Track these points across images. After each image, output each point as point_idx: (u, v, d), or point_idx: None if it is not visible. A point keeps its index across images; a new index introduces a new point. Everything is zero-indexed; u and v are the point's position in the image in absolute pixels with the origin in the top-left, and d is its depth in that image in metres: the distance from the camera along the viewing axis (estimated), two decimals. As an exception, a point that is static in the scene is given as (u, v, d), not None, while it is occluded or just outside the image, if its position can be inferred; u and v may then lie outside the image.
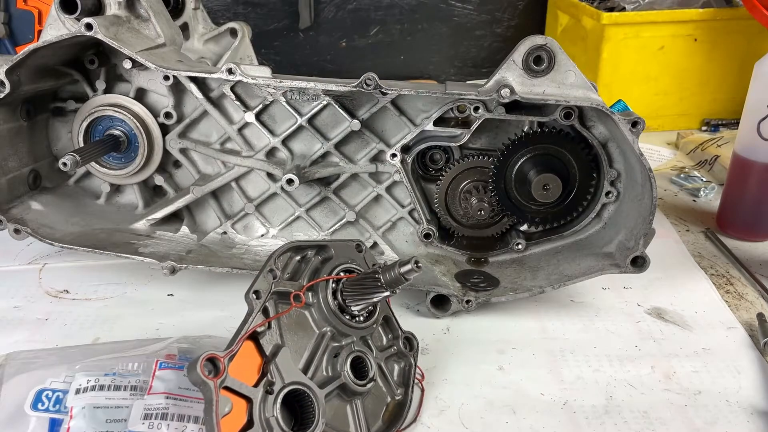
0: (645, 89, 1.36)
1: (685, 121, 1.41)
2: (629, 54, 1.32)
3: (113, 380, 0.60)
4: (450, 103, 0.81)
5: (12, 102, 0.84)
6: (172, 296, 0.86)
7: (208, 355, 0.51)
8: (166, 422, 0.57)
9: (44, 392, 0.59)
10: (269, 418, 0.53)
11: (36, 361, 0.63)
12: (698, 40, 1.32)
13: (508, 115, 0.80)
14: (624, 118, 0.74)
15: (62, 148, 0.94)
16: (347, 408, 0.61)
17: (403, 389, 0.67)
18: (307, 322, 0.61)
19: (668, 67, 1.34)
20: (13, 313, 0.81)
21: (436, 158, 0.90)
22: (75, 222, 0.90)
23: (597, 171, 0.84)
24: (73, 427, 0.56)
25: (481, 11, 1.65)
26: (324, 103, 0.83)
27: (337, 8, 1.60)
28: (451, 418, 0.67)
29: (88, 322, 0.80)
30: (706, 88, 1.38)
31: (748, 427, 0.66)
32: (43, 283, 0.88)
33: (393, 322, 0.70)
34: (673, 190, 1.17)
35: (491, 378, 0.72)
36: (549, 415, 0.67)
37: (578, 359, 0.75)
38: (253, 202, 0.89)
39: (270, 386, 0.55)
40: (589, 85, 0.76)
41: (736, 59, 1.34)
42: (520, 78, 0.75)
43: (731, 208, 1.02)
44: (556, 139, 0.82)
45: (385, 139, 0.86)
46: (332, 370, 0.60)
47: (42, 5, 1.27)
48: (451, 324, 0.81)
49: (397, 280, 0.58)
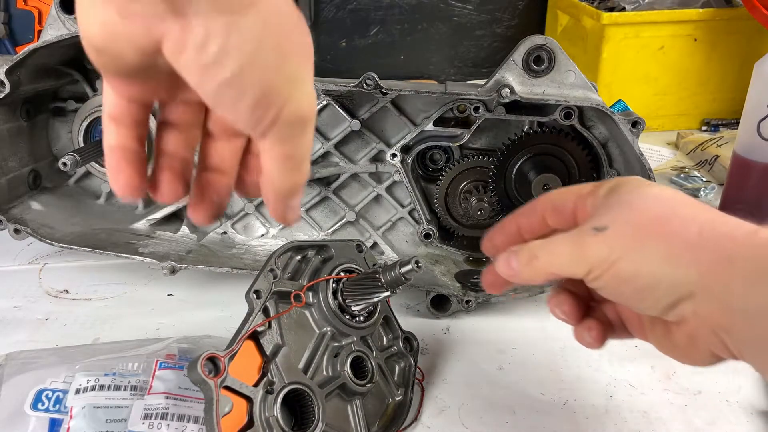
0: (645, 89, 1.36)
1: (685, 121, 1.41)
2: (629, 54, 1.32)
3: (113, 380, 0.60)
4: (450, 103, 0.81)
5: (12, 102, 0.84)
6: (172, 296, 0.86)
7: (208, 355, 0.51)
8: (166, 422, 0.57)
9: (44, 392, 0.59)
10: (269, 418, 0.53)
11: (36, 361, 0.63)
12: (698, 40, 1.32)
13: (508, 115, 0.80)
14: (624, 118, 0.74)
15: (62, 148, 0.94)
16: (347, 408, 0.61)
17: (403, 389, 0.67)
18: (308, 322, 0.61)
19: (668, 67, 1.34)
20: (13, 313, 0.81)
21: (436, 158, 0.90)
22: (75, 222, 0.90)
23: (597, 171, 0.84)
24: (73, 427, 0.56)
25: (481, 11, 1.65)
26: (324, 103, 0.83)
27: (337, 8, 1.60)
28: (451, 418, 0.67)
29: (88, 322, 0.80)
30: (706, 88, 1.38)
31: (748, 427, 0.66)
32: (43, 283, 0.88)
33: (393, 322, 0.70)
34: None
35: (491, 378, 0.72)
36: (549, 415, 0.67)
37: (578, 359, 0.75)
38: (253, 202, 0.89)
39: (270, 386, 0.55)
40: (589, 85, 0.76)
41: (736, 59, 1.34)
42: (520, 78, 0.75)
43: (731, 209, 1.02)
44: (556, 139, 0.82)
45: (385, 139, 0.86)
46: (332, 370, 0.60)
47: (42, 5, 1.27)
48: (451, 324, 0.81)
49: (398, 280, 0.58)
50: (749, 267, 0.42)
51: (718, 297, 0.43)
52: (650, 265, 0.45)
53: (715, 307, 0.43)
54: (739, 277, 0.42)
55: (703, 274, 0.44)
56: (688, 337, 0.47)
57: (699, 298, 0.44)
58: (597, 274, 0.47)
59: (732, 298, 0.42)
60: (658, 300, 0.46)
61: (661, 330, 0.49)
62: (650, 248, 0.45)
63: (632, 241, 0.46)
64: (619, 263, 0.46)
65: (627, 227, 0.47)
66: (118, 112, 0.43)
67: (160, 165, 0.47)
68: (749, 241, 0.44)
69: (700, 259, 0.44)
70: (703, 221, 0.46)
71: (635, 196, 0.49)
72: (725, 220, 0.46)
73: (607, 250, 0.47)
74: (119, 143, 0.44)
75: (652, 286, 0.45)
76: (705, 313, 0.44)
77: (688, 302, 0.45)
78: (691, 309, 0.45)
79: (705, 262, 0.44)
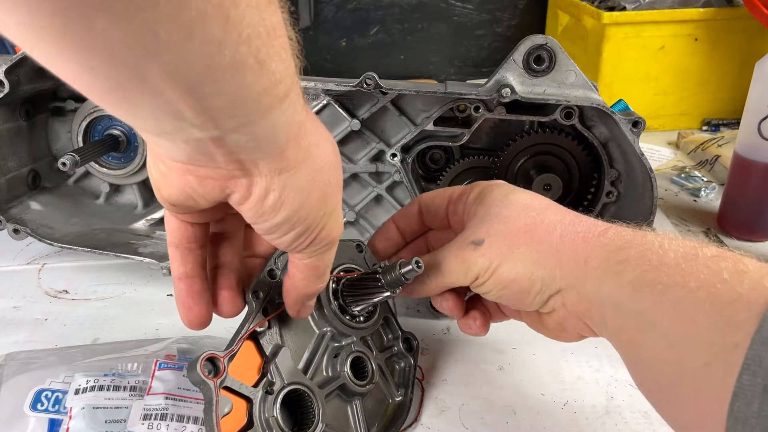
0: (645, 89, 1.36)
1: (685, 121, 1.41)
2: (630, 53, 1.32)
3: (112, 381, 0.60)
4: (450, 102, 0.81)
5: (11, 102, 0.84)
6: (171, 296, 0.85)
7: (207, 355, 0.51)
8: (166, 423, 0.57)
9: (43, 392, 0.59)
10: (269, 418, 0.53)
11: (35, 361, 0.63)
12: (699, 40, 1.32)
13: (509, 114, 0.80)
14: (625, 118, 0.74)
15: (61, 147, 0.94)
16: (347, 408, 0.61)
17: (403, 390, 0.67)
18: (308, 322, 0.61)
19: (669, 66, 1.34)
20: (12, 313, 0.81)
21: (436, 158, 0.90)
22: (74, 222, 0.89)
23: (597, 171, 0.83)
24: (73, 427, 0.56)
25: (481, 11, 1.65)
26: (324, 102, 0.83)
27: (337, 8, 1.60)
28: (451, 418, 0.66)
29: (88, 322, 0.80)
30: (706, 87, 1.37)
31: (749, 427, 0.66)
32: (43, 283, 0.87)
33: (393, 323, 0.69)
34: (673, 190, 1.17)
35: (491, 378, 0.72)
36: (549, 415, 0.67)
37: (579, 359, 0.74)
38: (252, 202, 0.89)
39: (270, 386, 0.55)
40: (590, 85, 0.76)
41: (737, 59, 1.34)
42: (520, 77, 0.75)
43: (732, 208, 1.02)
44: (557, 138, 0.82)
45: (385, 138, 0.85)
46: (332, 371, 0.60)
47: (41, 5, 1.27)
48: (451, 324, 0.80)
49: (398, 281, 0.58)
50: (599, 266, 0.50)
51: (578, 291, 0.52)
52: (524, 270, 0.54)
53: (577, 299, 0.52)
54: (592, 275, 0.51)
55: (566, 274, 0.52)
56: (558, 323, 0.56)
57: (565, 292, 0.53)
58: (481, 282, 0.56)
59: (588, 291, 0.51)
60: (534, 298, 0.54)
61: (535, 317, 0.59)
62: (522, 255, 0.54)
63: (507, 250, 0.55)
64: (499, 270, 0.55)
65: (501, 239, 0.55)
66: (180, 236, 0.50)
67: (219, 284, 0.54)
68: (599, 242, 0.52)
69: (562, 261, 0.53)
70: (564, 226, 0.54)
71: (504, 207, 0.58)
72: (581, 221, 0.55)
73: (487, 261, 0.55)
74: (185, 272, 0.51)
75: (528, 288, 0.54)
76: (570, 304, 0.53)
77: (557, 296, 0.54)
78: (560, 302, 0.54)
79: (566, 264, 0.52)
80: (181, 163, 0.40)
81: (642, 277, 0.47)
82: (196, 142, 0.37)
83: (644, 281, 0.47)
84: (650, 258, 0.48)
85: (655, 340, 0.45)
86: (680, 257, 0.46)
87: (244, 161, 0.40)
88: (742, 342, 0.39)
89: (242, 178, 0.41)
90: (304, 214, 0.45)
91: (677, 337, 0.44)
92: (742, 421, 0.38)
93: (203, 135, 0.36)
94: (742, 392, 0.38)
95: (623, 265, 0.49)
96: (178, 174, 0.41)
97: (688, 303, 0.43)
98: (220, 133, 0.36)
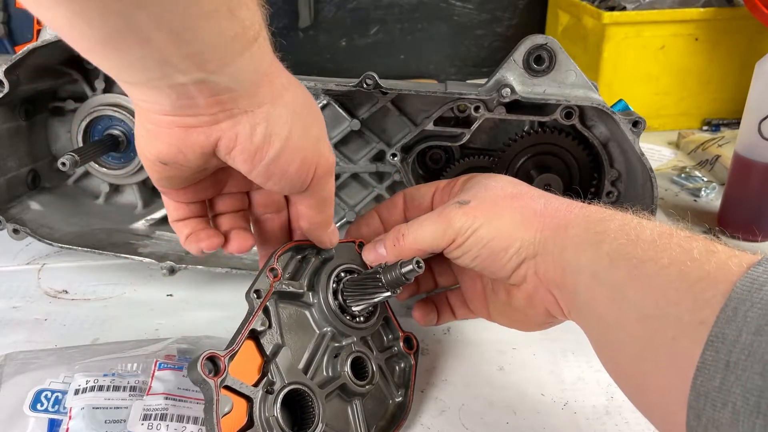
0: (646, 89, 1.36)
1: (685, 121, 1.41)
2: (630, 53, 1.32)
3: (112, 381, 0.60)
4: (450, 102, 0.81)
5: (11, 102, 0.84)
6: (171, 296, 0.85)
7: (208, 354, 0.51)
8: (165, 423, 0.57)
9: (43, 393, 0.59)
10: (269, 418, 0.53)
11: (35, 361, 0.63)
12: (699, 40, 1.32)
13: (509, 114, 0.80)
14: (625, 118, 0.74)
15: (61, 147, 0.94)
16: (347, 408, 0.61)
17: (403, 390, 0.67)
18: (308, 322, 0.61)
19: (669, 66, 1.34)
20: (12, 313, 0.81)
21: (436, 158, 0.90)
22: (74, 222, 0.89)
23: (598, 171, 0.83)
24: (72, 427, 0.56)
25: (481, 10, 1.64)
26: (324, 102, 0.83)
27: (337, 7, 1.60)
28: (452, 418, 0.66)
29: (87, 322, 0.80)
30: (707, 87, 1.37)
31: (749, 427, 0.66)
32: (42, 283, 0.87)
33: (393, 323, 0.69)
34: (674, 190, 1.17)
35: (491, 378, 0.72)
36: (550, 415, 0.67)
37: (579, 360, 0.74)
38: (252, 202, 0.89)
39: (270, 386, 0.55)
40: (590, 85, 0.76)
41: (737, 59, 1.34)
42: (520, 77, 0.75)
43: (732, 208, 1.02)
44: (557, 138, 0.82)
45: (385, 138, 0.85)
46: (332, 371, 0.60)
47: (41, 5, 1.27)
48: (451, 324, 0.80)
49: (399, 281, 0.58)
50: (580, 234, 0.52)
51: (554, 257, 0.53)
52: (506, 229, 0.56)
53: (552, 266, 0.54)
54: (571, 241, 0.52)
55: (546, 238, 0.54)
56: (527, 297, 0.58)
57: (540, 258, 0.54)
58: (460, 242, 0.57)
59: (565, 258, 0.52)
60: (511, 258, 0.56)
61: (503, 295, 0.61)
62: (506, 216, 0.56)
63: (491, 212, 0.57)
64: (480, 230, 0.56)
65: (487, 202, 0.58)
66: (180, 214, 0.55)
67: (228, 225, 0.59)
68: (581, 212, 0.54)
69: (544, 225, 0.55)
70: (548, 197, 0.58)
71: (491, 180, 0.61)
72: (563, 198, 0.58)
73: (470, 220, 0.57)
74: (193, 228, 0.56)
75: (507, 246, 0.55)
76: (543, 271, 0.54)
77: (532, 262, 0.55)
78: (533, 269, 0.55)
79: (548, 227, 0.54)
80: (167, 115, 0.44)
81: (619, 249, 0.48)
82: (181, 87, 0.41)
83: (621, 254, 0.48)
84: (628, 232, 0.49)
85: (625, 313, 0.46)
86: (656, 235, 0.48)
87: (225, 102, 0.43)
88: (707, 319, 0.40)
89: (226, 120, 0.44)
90: (296, 143, 0.48)
91: (648, 311, 0.44)
92: (704, 395, 0.39)
93: (186, 79, 0.40)
94: (705, 367, 0.39)
95: (602, 236, 0.50)
96: (165, 128, 0.44)
97: (660, 278, 0.45)
98: (201, 75, 0.40)
